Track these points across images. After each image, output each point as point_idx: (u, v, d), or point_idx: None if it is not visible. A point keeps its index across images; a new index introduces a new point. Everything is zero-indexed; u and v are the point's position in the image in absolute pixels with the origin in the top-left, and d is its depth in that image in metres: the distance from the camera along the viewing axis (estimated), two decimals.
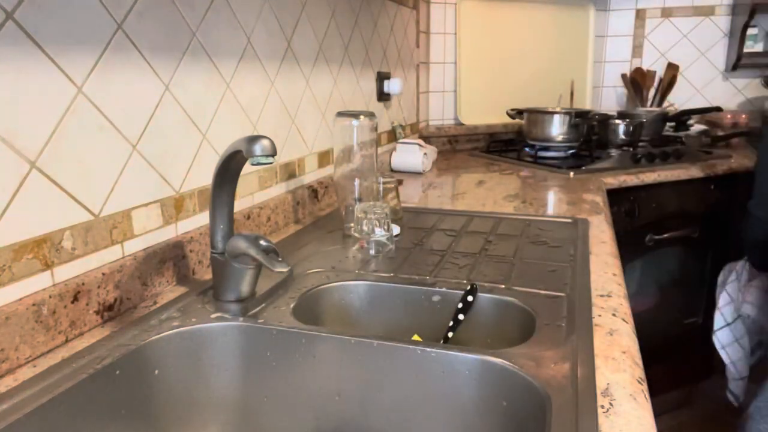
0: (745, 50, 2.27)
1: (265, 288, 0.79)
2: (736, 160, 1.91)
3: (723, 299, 1.57)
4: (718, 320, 1.57)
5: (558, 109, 1.97)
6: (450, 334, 0.79)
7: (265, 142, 0.63)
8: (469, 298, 0.79)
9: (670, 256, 1.87)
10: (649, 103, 2.41)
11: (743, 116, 2.26)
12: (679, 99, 2.44)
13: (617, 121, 2.01)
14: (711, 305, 2.01)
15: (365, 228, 0.97)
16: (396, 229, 1.07)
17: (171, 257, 0.82)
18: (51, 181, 0.63)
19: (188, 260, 0.86)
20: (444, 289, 0.82)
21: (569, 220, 1.17)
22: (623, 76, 2.47)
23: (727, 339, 1.55)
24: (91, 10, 0.67)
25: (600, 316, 0.73)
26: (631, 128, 2.00)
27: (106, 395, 0.61)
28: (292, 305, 0.77)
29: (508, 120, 2.13)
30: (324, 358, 0.68)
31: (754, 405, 1.39)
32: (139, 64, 0.75)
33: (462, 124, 2.21)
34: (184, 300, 0.77)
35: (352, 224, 1.04)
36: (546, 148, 1.95)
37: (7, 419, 0.51)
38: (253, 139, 0.63)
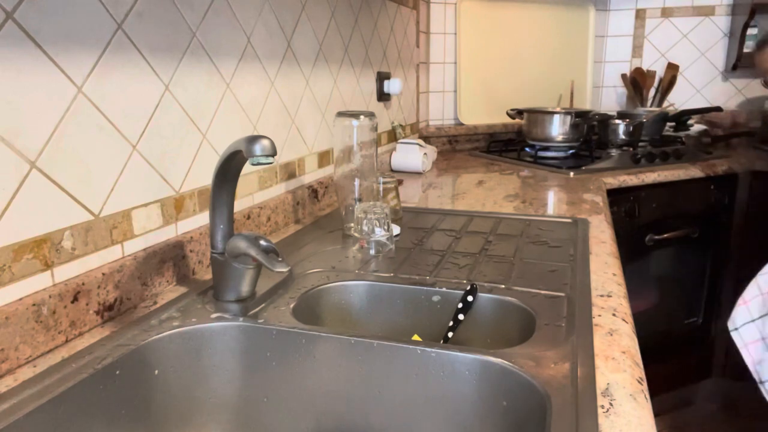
0: (745, 50, 2.27)
1: (265, 288, 0.79)
2: (736, 160, 1.91)
3: (750, 291, 1.35)
4: (742, 314, 1.34)
5: (558, 109, 1.97)
6: (450, 334, 0.79)
7: (265, 142, 0.63)
8: (469, 298, 0.79)
9: (670, 256, 1.87)
10: (649, 103, 2.41)
11: (743, 116, 2.26)
12: (679, 99, 2.44)
13: (617, 121, 2.01)
14: (711, 305, 2.01)
15: (365, 228, 0.97)
16: (396, 229, 1.07)
17: (171, 257, 0.82)
18: (51, 181, 0.63)
19: (188, 260, 0.86)
20: (444, 289, 0.82)
21: (569, 220, 1.17)
22: (623, 76, 2.47)
23: (751, 336, 1.32)
24: (91, 10, 0.67)
25: (600, 316, 0.73)
26: (631, 128, 2.00)
27: (106, 395, 0.61)
28: (292, 305, 0.77)
29: (508, 120, 2.13)
30: (324, 358, 0.68)
31: None
32: (139, 64, 0.75)
33: (462, 124, 2.21)
34: (184, 300, 0.77)
35: (352, 224, 1.04)
36: (546, 148, 1.96)
37: (7, 419, 0.51)
38: (253, 139, 0.63)
